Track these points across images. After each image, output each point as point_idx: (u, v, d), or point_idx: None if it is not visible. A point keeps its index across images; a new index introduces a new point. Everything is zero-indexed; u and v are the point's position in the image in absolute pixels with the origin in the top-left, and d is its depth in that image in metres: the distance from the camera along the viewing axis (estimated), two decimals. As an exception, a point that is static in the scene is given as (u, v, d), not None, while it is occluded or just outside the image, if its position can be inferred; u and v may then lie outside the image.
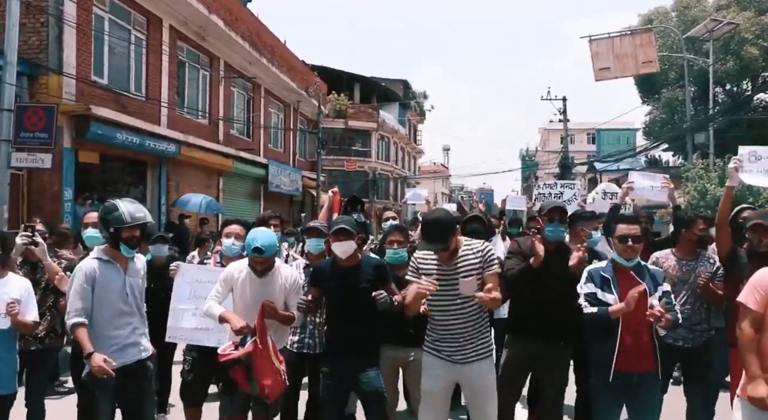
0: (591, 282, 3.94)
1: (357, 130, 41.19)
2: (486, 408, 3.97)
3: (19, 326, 4.11)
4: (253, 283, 4.26)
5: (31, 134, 10.25)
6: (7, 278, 4.23)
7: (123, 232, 3.96)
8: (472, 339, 3.92)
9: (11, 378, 4.16)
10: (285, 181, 23.13)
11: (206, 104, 18.14)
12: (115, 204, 4.03)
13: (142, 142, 13.76)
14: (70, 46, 12.02)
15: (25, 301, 4.19)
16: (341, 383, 4.24)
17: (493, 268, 3.92)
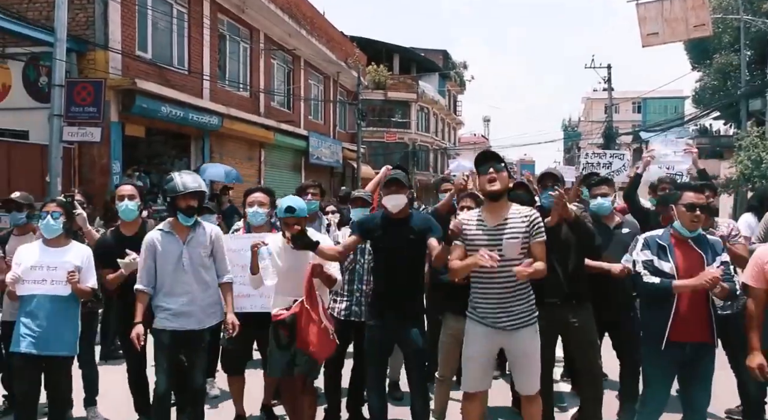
0: (647, 249, 3.86)
1: (396, 102, 41.03)
2: (530, 375, 3.96)
3: (78, 293, 4.27)
4: (288, 253, 4.26)
5: (81, 109, 10.56)
6: (69, 246, 4.38)
7: (179, 201, 4.17)
8: (514, 305, 3.85)
9: (73, 341, 4.34)
10: (325, 153, 23.26)
11: (247, 77, 18.29)
12: (172, 175, 4.28)
13: (186, 115, 14.00)
14: (116, 22, 12.26)
15: (86, 268, 4.34)
16: (385, 338, 4.31)
17: (539, 236, 3.85)
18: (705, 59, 29.69)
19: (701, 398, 3.84)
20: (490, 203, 3.91)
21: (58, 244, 4.32)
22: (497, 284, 3.85)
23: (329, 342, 4.18)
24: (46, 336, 4.18)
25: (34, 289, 4.20)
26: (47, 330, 4.19)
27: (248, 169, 17.76)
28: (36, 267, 4.21)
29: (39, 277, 4.20)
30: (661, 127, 31.96)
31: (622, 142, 34.88)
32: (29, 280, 4.20)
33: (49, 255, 4.26)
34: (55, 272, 4.20)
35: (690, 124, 31.77)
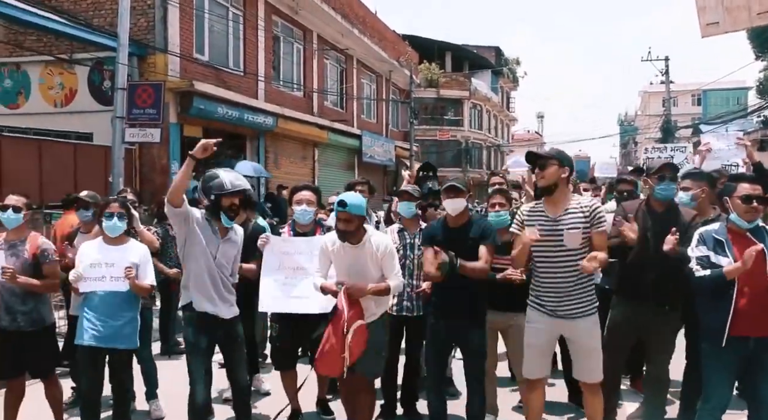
0: (703, 244, 3.77)
1: (449, 99, 40.84)
2: (591, 365, 3.98)
3: (136, 290, 4.37)
4: (346, 252, 4.24)
5: (142, 111, 10.91)
6: (129, 244, 4.52)
7: (223, 199, 4.10)
8: (575, 294, 3.90)
9: (132, 335, 4.45)
10: (378, 152, 23.35)
11: (301, 77, 18.53)
12: (215, 172, 4.18)
13: (241, 116, 14.30)
14: (174, 26, 12.62)
15: (144, 265, 4.44)
16: (445, 342, 4.35)
17: (600, 226, 3.90)
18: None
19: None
20: (548, 196, 4.00)
21: (117, 242, 4.45)
22: (559, 273, 3.93)
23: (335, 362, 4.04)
24: (106, 330, 4.31)
25: (95, 285, 4.33)
26: (107, 324, 4.32)
27: (302, 169, 18.01)
28: (96, 264, 4.35)
29: (99, 274, 4.33)
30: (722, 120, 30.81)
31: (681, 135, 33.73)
32: (90, 277, 4.34)
33: (108, 252, 4.40)
34: (113, 269, 4.32)
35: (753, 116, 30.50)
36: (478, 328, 4.30)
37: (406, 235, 4.96)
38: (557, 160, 3.94)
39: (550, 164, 3.92)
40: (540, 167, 3.94)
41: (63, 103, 13.02)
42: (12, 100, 13.37)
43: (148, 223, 6.39)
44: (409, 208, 5.00)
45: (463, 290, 4.20)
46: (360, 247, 4.21)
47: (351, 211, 4.08)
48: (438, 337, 4.37)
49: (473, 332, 4.28)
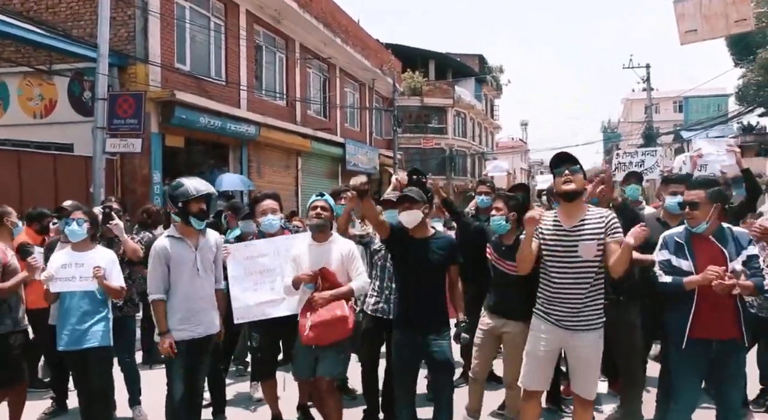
0: (665, 248, 3.82)
1: (433, 107, 40.98)
2: (589, 380, 3.94)
3: (107, 290, 4.51)
4: (312, 251, 4.43)
5: (123, 121, 10.88)
6: (96, 250, 4.66)
7: (191, 205, 4.23)
8: (584, 306, 3.82)
9: (104, 333, 4.54)
10: (362, 160, 23.39)
11: (283, 86, 18.55)
12: (180, 181, 4.33)
13: (224, 125, 14.29)
14: (155, 36, 12.61)
15: (110, 269, 4.58)
16: (412, 354, 4.30)
17: (616, 235, 3.81)
18: (748, 55, 28.90)
19: (732, 394, 3.77)
20: (566, 204, 3.91)
21: (84, 248, 4.59)
22: (571, 285, 3.84)
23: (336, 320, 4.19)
24: (79, 331, 4.47)
25: (66, 286, 4.49)
26: (79, 325, 4.48)
27: (286, 178, 18.01)
28: (66, 265, 4.50)
29: (69, 275, 4.48)
30: (703, 126, 31.18)
31: (663, 142, 34.14)
32: (61, 277, 4.48)
33: (72, 258, 4.54)
34: (82, 269, 4.49)
35: (733, 122, 30.92)
36: (445, 339, 4.26)
37: None
38: (582, 169, 3.89)
39: (580, 169, 3.86)
40: (572, 171, 3.81)
41: (43, 114, 12.94)
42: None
43: (130, 232, 6.39)
44: (392, 215, 5.02)
45: (426, 300, 4.21)
46: (326, 246, 4.43)
47: (328, 201, 4.48)
48: (404, 348, 4.31)
49: (439, 342, 4.21)
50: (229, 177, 14.45)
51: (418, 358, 4.37)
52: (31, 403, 5.82)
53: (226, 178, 14.14)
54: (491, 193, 5.83)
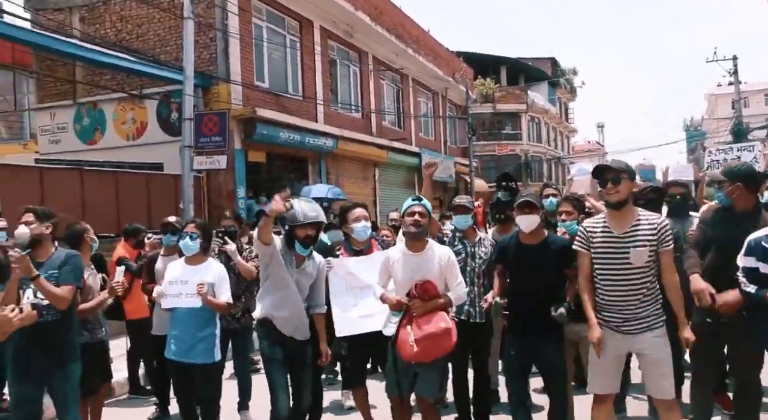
0: (751, 254, 3.60)
1: (506, 113, 40.58)
2: (662, 380, 3.82)
3: (212, 306, 4.56)
4: (408, 261, 4.23)
5: (208, 139, 11.35)
6: (207, 264, 4.74)
7: (297, 231, 4.20)
8: (640, 310, 3.75)
9: (209, 350, 4.62)
10: (438, 169, 23.31)
11: (358, 98, 18.83)
12: (290, 203, 4.22)
13: (303, 139, 14.64)
14: (236, 56, 13.09)
15: (219, 284, 4.62)
16: (525, 358, 4.27)
17: (668, 245, 3.74)
18: None
19: None
20: (614, 211, 3.85)
21: (196, 262, 4.69)
22: (624, 291, 3.78)
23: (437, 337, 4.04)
24: (185, 345, 4.56)
25: (173, 302, 4.62)
26: (185, 340, 4.57)
27: (363, 189, 18.22)
28: (173, 282, 4.62)
29: (176, 291, 4.60)
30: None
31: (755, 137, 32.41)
32: (169, 294, 4.62)
33: (186, 272, 4.65)
34: (187, 286, 4.55)
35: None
36: (554, 345, 4.21)
37: (466, 244, 4.97)
38: (627, 174, 3.81)
39: (623, 178, 3.77)
40: (613, 182, 3.75)
41: (135, 136, 13.66)
42: (90, 137, 14.13)
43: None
44: (465, 221, 5.00)
45: (539, 305, 4.13)
46: (423, 255, 4.23)
47: (426, 206, 4.24)
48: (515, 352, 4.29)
49: (551, 349, 4.19)
50: (318, 187, 14.54)
51: (530, 362, 4.34)
52: (135, 409, 6.17)
53: (315, 188, 14.23)
54: (558, 195, 5.74)
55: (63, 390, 4.18)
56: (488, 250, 4.97)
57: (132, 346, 6.74)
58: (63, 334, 4.08)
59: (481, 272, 4.92)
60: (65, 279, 4.05)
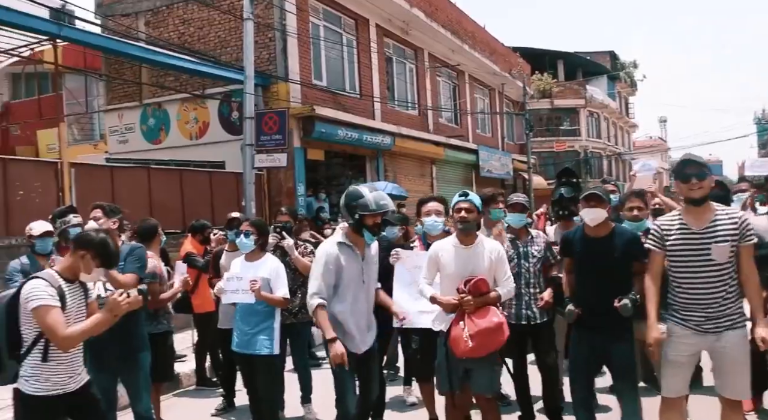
0: None
1: (564, 109, 39.82)
2: (738, 381, 3.67)
3: (267, 301, 4.68)
4: (459, 255, 4.21)
5: (269, 137, 11.56)
6: (263, 259, 4.87)
7: (367, 219, 4.06)
8: (722, 307, 3.63)
9: (268, 342, 4.73)
10: (495, 166, 23.14)
11: (415, 95, 18.80)
12: (359, 190, 4.15)
13: (360, 137, 14.72)
14: (294, 56, 13.27)
15: (274, 279, 4.74)
16: (590, 356, 4.18)
17: (750, 239, 3.62)
18: None
19: None
20: (693, 207, 3.73)
21: (253, 258, 4.85)
22: (705, 289, 3.66)
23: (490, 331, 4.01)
24: (246, 337, 4.73)
25: (232, 298, 4.78)
26: (247, 331, 4.73)
27: (421, 186, 18.18)
28: (231, 278, 4.77)
29: (233, 287, 4.74)
30: None
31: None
32: (228, 289, 4.77)
33: (244, 268, 4.80)
34: (242, 282, 4.68)
35: None
36: (623, 342, 4.08)
37: (518, 245, 4.89)
38: (708, 169, 3.71)
39: (707, 173, 3.67)
40: (698, 177, 3.64)
41: (197, 135, 14.03)
42: (155, 136, 14.60)
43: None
44: (520, 220, 4.95)
45: (607, 300, 4.01)
46: (473, 249, 4.21)
47: (473, 201, 4.22)
48: (580, 350, 4.21)
49: (620, 346, 4.06)
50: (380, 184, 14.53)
51: (596, 361, 4.24)
52: (202, 400, 6.33)
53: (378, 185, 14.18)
54: (617, 191, 5.58)
55: (135, 378, 4.35)
56: (541, 248, 4.90)
57: (199, 338, 6.92)
58: (132, 324, 4.20)
59: (536, 271, 4.85)
60: (129, 269, 4.29)
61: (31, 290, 3.20)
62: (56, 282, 3.28)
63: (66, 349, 3.28)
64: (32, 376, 3.28)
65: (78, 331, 3.25)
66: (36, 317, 3.19)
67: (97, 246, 3.37)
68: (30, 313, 3.20)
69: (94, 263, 3.37)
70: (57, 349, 3.28)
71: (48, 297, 3.19)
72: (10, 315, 3.29)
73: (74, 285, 3.40)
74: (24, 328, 3.28)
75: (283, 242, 5.42)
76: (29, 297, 3.19)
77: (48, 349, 3.27)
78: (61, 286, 3.29)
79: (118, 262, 3.87)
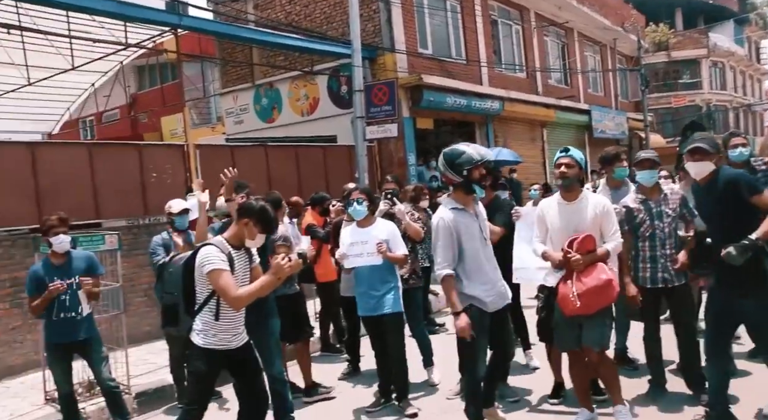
0: None
1: (683, 61, 37.44)
2: None
3: (392, 260, 4.93)
4: (563, 211, 4.26)
5: (379, 108, 11.72)
6: (377, 224, 5.12)
7: (474, 172, 4.04)
8: None
9: (395, 301, 5.01)
10: (609, 126, 22.15)
11: (522, 58, 18.27)
12: (459, 148, 4.11)
13: (469, 104, 14.55)
14: (398, 26, 13.26)
15: (392, 240, 5.01)
16: (721, 315, 4.01)
17: None
18: None
19: None
20: None
21: (366, 224, 5.07)
22: None
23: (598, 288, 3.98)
24: (372, 300, 4.98)
25: (355, 262, 5.02)
26: (373, 294, 4.98)
27: (532, 150, 17.80)
28: (354, 243, 5.00)
29: (357, 252, 4.98)
30: None
31: None
32: (351, 254, 5.00)
33: (362, 233, 5.01)
34: (367, 245, 4.93)
35: None
36: (754, 297, 3.82)
37: (650, 205, 4.68)
38: None
39: None
40: None
41: (308, 111, 14.40)
42: (268, 116, 15.14)
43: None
44: (651, 177, 4.73)
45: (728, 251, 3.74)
46: (576, 204, 4.22)
47: (573, 156, 4.22)
48: (715, 305, 4.04)
49: (748, 302, 3.83)
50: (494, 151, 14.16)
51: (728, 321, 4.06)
52: (327, 365, 6.62)
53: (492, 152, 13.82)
54: (747, 144, 5.19)
55: (267, 343, 4.68)
56: (676, 205, 4.67)
57: (322, 307, 7.22)
58: None
59: (671, 231, 4.63)
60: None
61: (205, 255, 3.58)
62: (226, 248, 3.65)
63: (237, 308, 3.66)
64: (203, 330, 3.68)
65: (247, 292, 3.60)
66: (210, 280, 3.57)
67: (258, 213, 3.72)
68: (205, 276, 3.58)
69: (256, 229, 3.70)
70: (227, 310, 3.65)
71: (220, 262, 3.56)
72: (186, 276, 3.72)
73: (240, 251, 3.76)
74: (197, 288, 3.68)
75: (394, 208, 5.52)
76: (204, 261, 3.57)
77: (219, 309, 3.65)
78: (230, 253, 3.65)
79: (278, 227, 4.27)
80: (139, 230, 8.51)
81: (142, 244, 8.27)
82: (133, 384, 5.77)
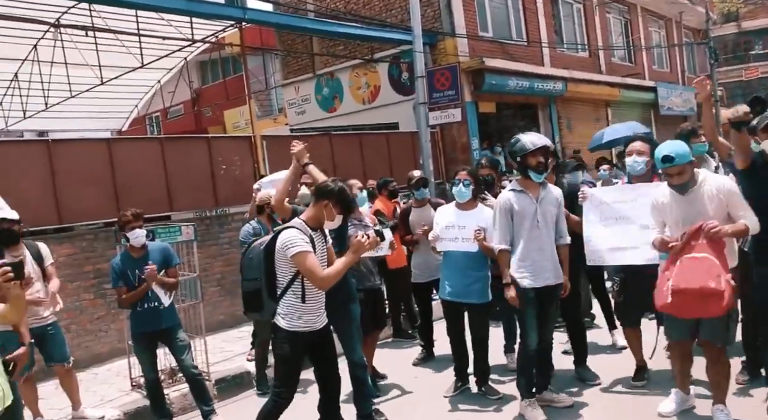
0: None
1: (755, 31, 35.60)
2: None
3: (485, 250, 4.74)
4: (679, 203, 3.91)
5: (441, 93, 11.67)
6: (479, 209, 4.96)
7: (528, 159, 4.32)
8: None
9: (483, 290, 4.91)
10: (676, 102, 21.38)
11: (584, 37, 17.81)
12: (516, 137, 4.47)
13: (531, 85, 14.32)
14: (458, 10, 13.12)
15: (491, 229, 4.74)
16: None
17: None
18: None
19: None
20: None
21: (467, 208, 4.93)
22: None
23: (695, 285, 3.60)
24: (461, 286, 4.88)
25: (449, 245, 4.91)
26: (461, 281, 4.88)
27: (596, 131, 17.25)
28: (450, 226, 4.90)
29: (452, 236, 4.88)
30: None
31: None
32: (445, 237, 4.90)
33: (461, 217, 4.89)
34: (464, 231, 4.80)
35: None
36: None
37: None
38: None
39: None
40: None
41: (369, 99, 14.46)
42: (330, 105, 15.28)
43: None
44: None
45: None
46: (692, 194, 3.86)
47: (680, 163, 3.79)
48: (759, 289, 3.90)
49: None
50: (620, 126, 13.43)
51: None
52: (400, 351, 6.67)
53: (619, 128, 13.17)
54: None
55: (348, 328, 4.68)
56: None
57: (393, 293, 7.25)
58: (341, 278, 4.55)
59: None
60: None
61: (288, 238, 3.62)
62: (306, 230, 3.70)
63: (324, 288, 3.73)
64: (288, 314, 3.74)
65: (333, 272, 3.66)
66: (296, 262, 3.61)
67: (337, 195, 3.76)
68: (289, 259, 3.62)
69: (335, 210, 3.75)
70: (312, 292, 3.71)
71: (304, 244, 3.61)
72: (268, 260, 3.77)
73: (317, 233, 3.80)
74: (279, 272, 3.74)
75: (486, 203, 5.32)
76: (287, 244, 3.62)
77: (305, 292, 3.71)
78: (311, 234, 3.70)
79: (357, 207, 4.34)
80: (211, 221, 8.75)
81: (214, 235, 8.55)
82: (212, 371, 5.93)
